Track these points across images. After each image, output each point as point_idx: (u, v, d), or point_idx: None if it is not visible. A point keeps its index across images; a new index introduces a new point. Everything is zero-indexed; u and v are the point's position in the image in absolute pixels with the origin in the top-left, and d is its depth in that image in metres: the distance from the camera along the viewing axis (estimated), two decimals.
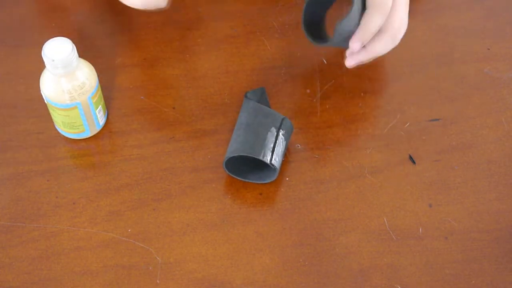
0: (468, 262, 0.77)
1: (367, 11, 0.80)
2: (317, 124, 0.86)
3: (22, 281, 0.75)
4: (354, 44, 0.80)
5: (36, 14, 0.95)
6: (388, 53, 0.84)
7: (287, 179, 0.82)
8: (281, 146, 0.80)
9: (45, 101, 0.80)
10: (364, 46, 0.82)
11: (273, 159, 0.78)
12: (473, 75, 0.91)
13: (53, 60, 0.75)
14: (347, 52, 0.84)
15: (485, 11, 0.96)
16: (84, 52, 0.89)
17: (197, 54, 0.91)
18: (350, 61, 0.84)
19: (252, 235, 0.79)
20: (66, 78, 0.77)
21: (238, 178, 0.82)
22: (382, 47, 0.83)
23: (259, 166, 0.81)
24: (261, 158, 0.78)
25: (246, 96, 0.85)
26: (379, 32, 0.82)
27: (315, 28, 0.88)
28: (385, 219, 0.80)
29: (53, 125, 0.85)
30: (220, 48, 0.92)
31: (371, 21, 0.80)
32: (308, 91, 0.89)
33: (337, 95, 0.88)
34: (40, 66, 0.79)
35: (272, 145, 0.79)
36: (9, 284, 0.75)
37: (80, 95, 0.78)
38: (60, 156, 0.83)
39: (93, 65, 0.81)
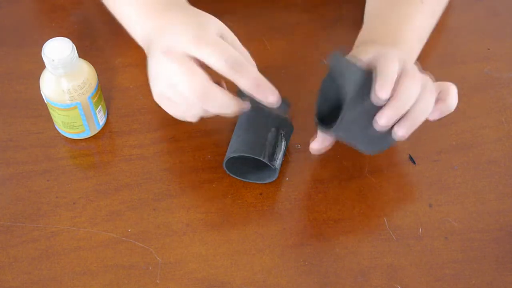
0: (468, 262, 0.77)
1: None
2: None
3: (22, 281, 0.75)
4: (382, 119, 0.70)
5: (36, 14, 0.95)
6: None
7: (287, 179, 0.82)
8: (281, 146, 0.80)
9: (45, 101, 0.80)
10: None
11: (273, 159, 0.78)
12: (473, 75, 0.91)
13: (53, 60, 0.75)
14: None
15: (485, 11, 0.96)
16: (84, 52, 0.89)
17: None
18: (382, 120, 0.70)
19: (252, 235, 0.79)
20: (66, 78, 0.77)
21: (238, 178, 0.82)
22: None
23: (259, 166, 0.81)
24: (261, 158, 0.77)
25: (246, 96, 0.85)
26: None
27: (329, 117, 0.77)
28: (385, 219, 0.80)
29: (53, 125, 0.85)
30: None
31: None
32: (308, 91, 0.89)
33: None
34: (40, 66, 0.79)
35: (272, 145, 0.78)
36: (9, 284, 0.75)
37: (80, 95, 0.78)
38: (60, 156, 0.83)
39: (93, 65, 0.81)
